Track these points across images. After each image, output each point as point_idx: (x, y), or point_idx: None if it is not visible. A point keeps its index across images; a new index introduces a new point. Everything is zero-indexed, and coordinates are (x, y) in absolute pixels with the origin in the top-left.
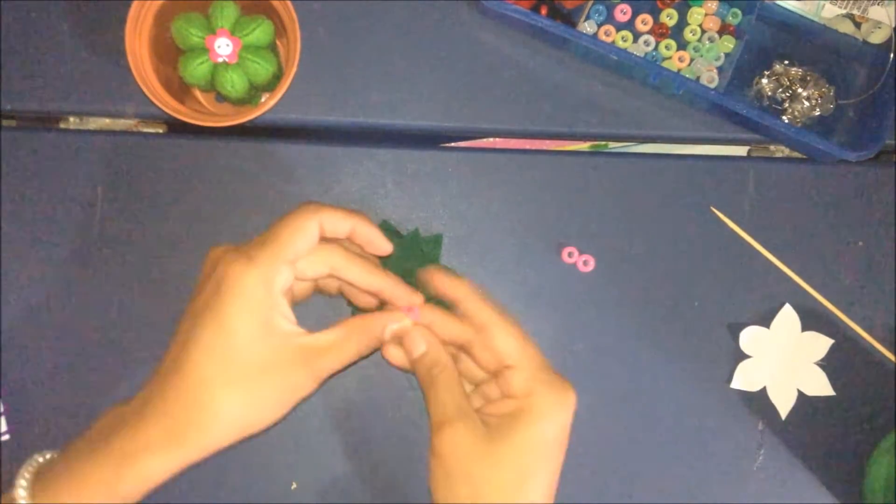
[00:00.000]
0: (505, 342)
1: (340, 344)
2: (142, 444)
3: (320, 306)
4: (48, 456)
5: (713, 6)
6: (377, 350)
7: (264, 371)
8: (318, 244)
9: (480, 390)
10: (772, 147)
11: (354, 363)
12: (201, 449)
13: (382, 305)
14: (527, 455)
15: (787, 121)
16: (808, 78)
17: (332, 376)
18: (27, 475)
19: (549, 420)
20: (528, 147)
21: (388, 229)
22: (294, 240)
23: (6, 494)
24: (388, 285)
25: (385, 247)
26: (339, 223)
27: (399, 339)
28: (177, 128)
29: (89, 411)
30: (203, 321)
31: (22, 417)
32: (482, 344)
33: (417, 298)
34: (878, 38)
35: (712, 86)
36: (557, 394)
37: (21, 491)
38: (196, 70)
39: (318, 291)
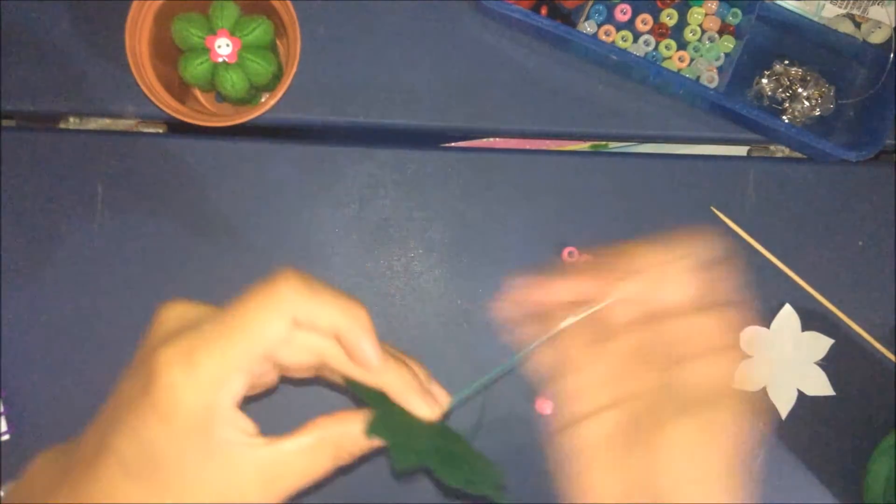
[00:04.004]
0: None
1: (310, 457)
2: None
3: None
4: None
5: (713, 6)
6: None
7: (203, 496)
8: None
9: None
10: (772, 147)
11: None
12: None
13: None
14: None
15: (787, 121)
16: (808, 78)
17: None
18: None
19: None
20: (528, 147)
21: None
22: (251, 342)
23: None
24: (402, 386)
25: (374, 363)
26: (320, 320)
27: None
28: (177, 128)
29: (89, 411)
30: (123, 431)
31: (22, 417)
32: None
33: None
34: (878, 38)
35: (712, 86)
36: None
37: None
38: (196, 70)
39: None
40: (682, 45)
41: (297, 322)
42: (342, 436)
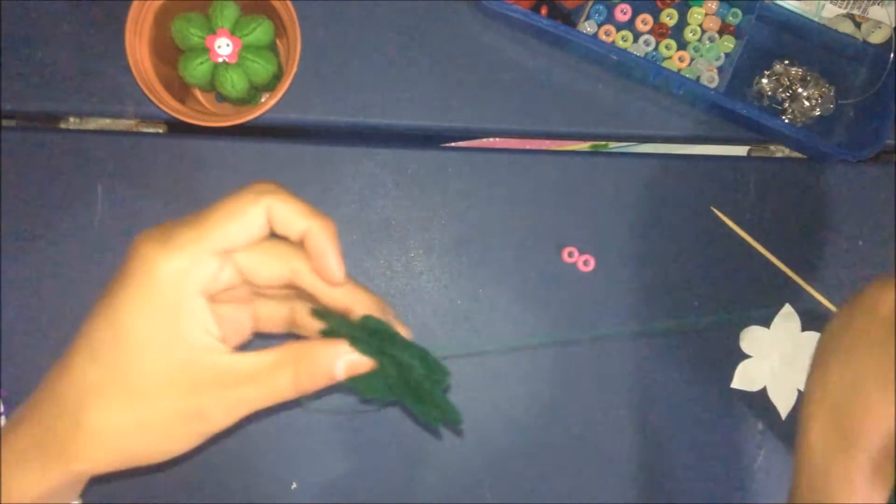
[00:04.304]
0: None
1: (270, 373)
2: (8, 456)
3: None
4: None
5: (713, 6)
6: (318, 389)
7: (161, 390)
8: (275, 241)
9: None
10: (772, 147)
11: (289, 403)
12: (70, 473)
13: None
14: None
15: (787, 121)
16: (808, 78)
17: (255, 413)
18: None
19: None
20: (528, 147)
21: (377, 330)
22: (227, 224)
23: None
24: (365, 302)
25: (337, 274)
26: (292, 218)
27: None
28: (177, 128)
29: None
30: (97, 313)
31: None
32: None
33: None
34: (878, 38)
35: (712, 86)
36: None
37: None
38: (196, 70)
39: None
40: (682, 45)
41: (271, 218)
42: (305, 358)
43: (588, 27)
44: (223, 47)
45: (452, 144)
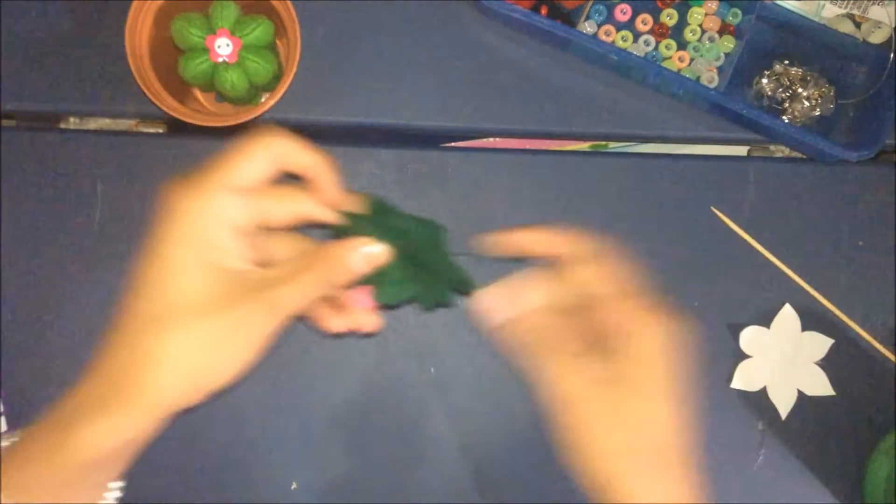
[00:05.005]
0: (582, 271)
1: (296, 274)
2: (81, 407)
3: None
4: (14, 439)
5: (713, 6)
6: (344, 284)
7: (207, 306)
8: (281, 185)
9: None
10: (772, 147)
11: (318, 300)
12: (146, 407)
13: None
14: (653, 404)
15: (787, 121)
16: (808, 78)
17: (295, 315)
18: (6, 443)
19: (656, 359)
20: (528, 147)
21: (382, 209)
22: (239, 164)
23: None
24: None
25: (338, 198)
26: (295, 154)
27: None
28: (177, 128)
29: None
30: (143, 260)
31: (22, 417)
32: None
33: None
34: (878, 38)
35: (712, 86)
36: (653, 326)
37: None
38: (196, 70)
39: None
40: (682, 45)
41: (276, 154)
42: (325, 257)
43: (588, 27)
44: (223, 47)
45: (452, 144)
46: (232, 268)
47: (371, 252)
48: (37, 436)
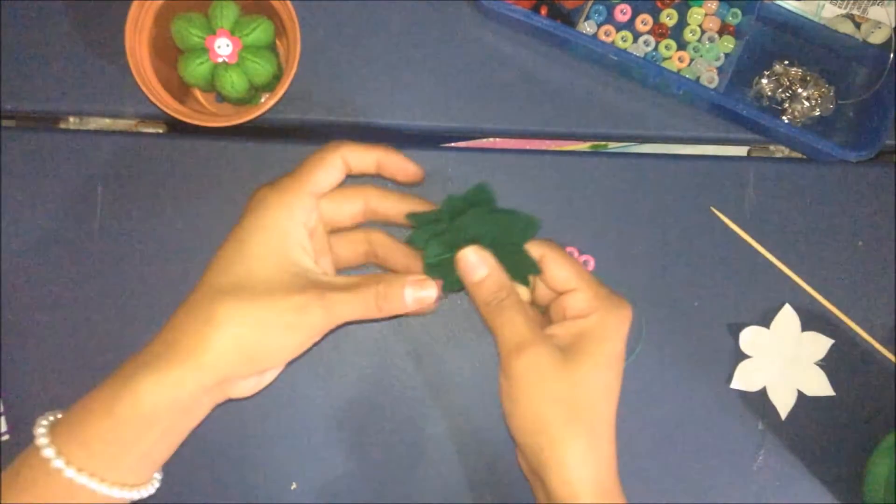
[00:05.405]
0: (562, 270)
1: (357, 288)
2: (141, 363)
3: None
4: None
5: (713, 6)
6: (393, 314)
7: (274, 290)
8: (345, 186)
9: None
10: (772, 147)
11: (368, 321)
12: (200, 365)
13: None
14: (604, 371)
15: (787, 121)
16: (808, 78)
17: (344, 325)
18: (44, 422)
19: (616, 335)
20: (528, 147)
21: (477, 201)
22: (317, 171)
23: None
24: (426, 205)
25: (414, 169)
26: (363, 156)
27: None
28: (177, 128)
29: None
30: (225, 242)
31: (22, 417)
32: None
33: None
34: (878, 38)
35: (712, 86)
36: (618, 309)
37: (41, 429)
38: (196, 70)
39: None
40: (681, 46)
41: (347, 162)
42: (383, 283)
43: (588, 27)
44: (223, 47)
45: (452, 144)
46: (302, 264)
47: (422, 296)
48: (99, 391)
